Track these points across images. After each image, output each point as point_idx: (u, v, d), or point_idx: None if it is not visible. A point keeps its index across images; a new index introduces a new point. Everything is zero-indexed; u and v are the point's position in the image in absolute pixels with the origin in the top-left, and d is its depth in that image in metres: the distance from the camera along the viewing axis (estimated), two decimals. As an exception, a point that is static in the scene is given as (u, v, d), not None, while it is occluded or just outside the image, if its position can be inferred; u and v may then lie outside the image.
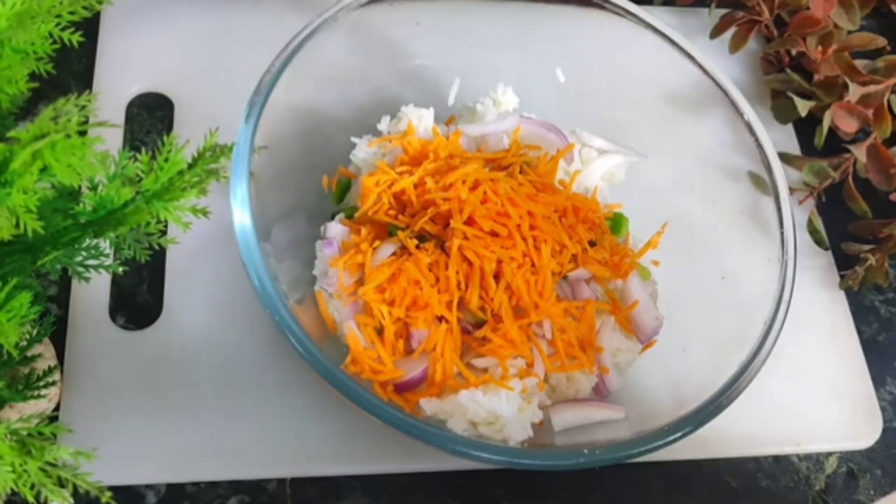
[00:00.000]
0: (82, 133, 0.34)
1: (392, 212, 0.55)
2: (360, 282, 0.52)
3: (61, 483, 0.38)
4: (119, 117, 0.65)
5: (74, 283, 0.57)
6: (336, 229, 0.55)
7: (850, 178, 0.69)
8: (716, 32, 0.74)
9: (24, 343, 0.49)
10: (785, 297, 0.53)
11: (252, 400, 0.56)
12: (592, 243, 0.56)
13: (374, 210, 0.55)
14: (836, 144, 0.71)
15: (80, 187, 0.39)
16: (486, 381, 0.50)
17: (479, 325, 0.52)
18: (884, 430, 0.63)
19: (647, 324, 0.56)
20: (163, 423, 0.54)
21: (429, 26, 0.63)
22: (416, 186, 0.55)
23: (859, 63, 0.70)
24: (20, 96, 0.40)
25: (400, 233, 0.53)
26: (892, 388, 0.66)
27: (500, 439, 0.50)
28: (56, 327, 0.55)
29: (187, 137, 0.43)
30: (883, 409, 0.64)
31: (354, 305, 0.52)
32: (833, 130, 0.71)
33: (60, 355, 0.55)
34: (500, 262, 0.52)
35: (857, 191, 0.69)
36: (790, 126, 0.75)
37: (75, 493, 0.38)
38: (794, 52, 0.74)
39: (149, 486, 0.54)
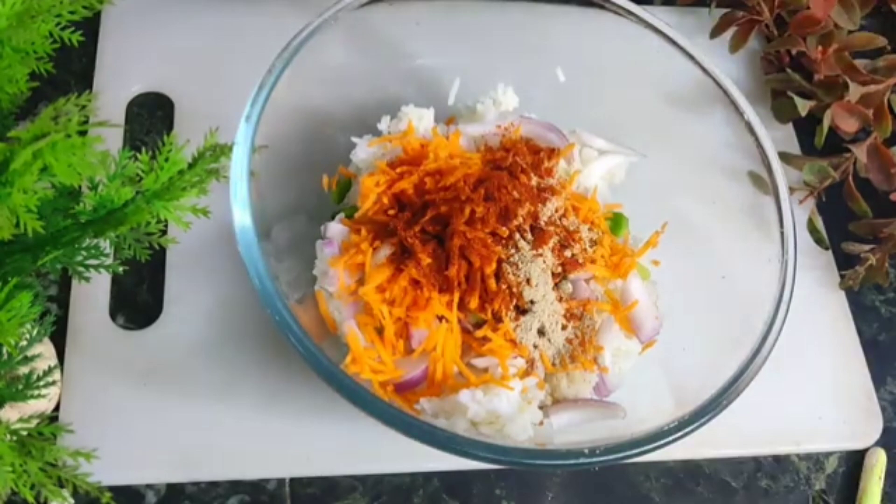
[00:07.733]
0: (82, 133, 0.34)
1: (392, 212, 0.55)
2: (361, 281, 0.52)
3: (61, 483, 0.38)
4: (119, 117, 0.65)
5: (74, 283, 0.57)
6: (336, 229, 0.55)
7: (850, 177, 0.69)
8: (716, 32, 0.74)
9: (24, 343, 0.49)
10: (785, 297, 0.53)
11: (252, 400, 0.56)
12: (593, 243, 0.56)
13: (374, 210, 0.54)
14: (836, 144, 0.71)
15: (80, 187, 0.39)
16: (487, 381, 0.50)
17: (479, 325, 0.52)
18: (884, 430, 0.63)
19: (647, 324, 0.56)
20: (162, 423, 0.54)
21: (429, 26, 0.63)
22: (416, 186, 0.55)
23: (859, 63, 0.70)
24: (20, 96, 0.40)
25: (400, 233, 0.53)
26: (892, 388, 0.66)
27: (501, 439, 0.50)
28: (56, 327, 0.55)
29: (187, 137, 0.43)
30: (883, 409, 0.64)
31: (355, 305, 0.52)
32: (833, 130, 0.71)
33: (60, 355, 0.55)
34: (500, 261, 0.52)
35: (857, 190, 0.69)
36: (790, 126, 0.75)
37: (75, 493, 0.38)
38: (794, 51, 0.74)
39: (149, 486, 0.54)
